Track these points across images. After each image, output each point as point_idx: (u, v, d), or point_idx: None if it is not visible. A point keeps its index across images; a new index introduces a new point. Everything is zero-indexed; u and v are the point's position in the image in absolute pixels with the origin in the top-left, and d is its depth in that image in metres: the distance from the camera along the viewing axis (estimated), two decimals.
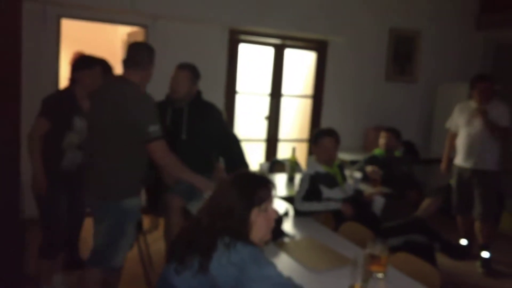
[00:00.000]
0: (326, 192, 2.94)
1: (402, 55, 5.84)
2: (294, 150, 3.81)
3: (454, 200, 4.08)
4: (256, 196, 1.52)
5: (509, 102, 5.86)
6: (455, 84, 5.76)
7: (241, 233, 1.48)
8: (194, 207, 2.70)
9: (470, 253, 4.07)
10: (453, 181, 4.99)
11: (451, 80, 5.91)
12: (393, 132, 4.07)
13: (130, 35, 5.13)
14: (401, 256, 2.17)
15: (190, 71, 3.09)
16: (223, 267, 1.39)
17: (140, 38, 4.64)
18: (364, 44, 5.55)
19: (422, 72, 5.97)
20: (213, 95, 3.37)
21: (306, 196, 2.88)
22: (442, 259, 4.02)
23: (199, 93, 3.19)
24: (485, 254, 3.89)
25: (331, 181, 2.99)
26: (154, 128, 2.30)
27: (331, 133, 3.11)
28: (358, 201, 3.01)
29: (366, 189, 3.60)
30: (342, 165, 3.21)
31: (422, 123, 6.09)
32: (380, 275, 1.91)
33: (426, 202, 3.62)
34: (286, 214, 2.67)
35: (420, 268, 2.01)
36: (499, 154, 3.86)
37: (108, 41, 5.98)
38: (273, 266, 1.46)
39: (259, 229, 1.52)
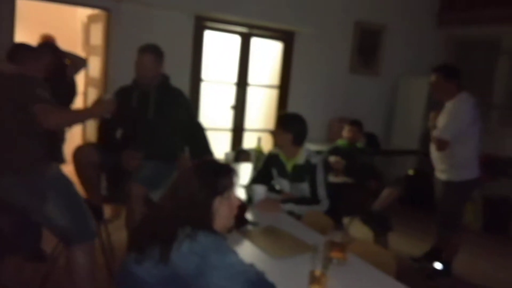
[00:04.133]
0: (276, 177, 2.98)
1: (367, 48, 5.94)
2: (259, 140, 3.82)
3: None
4: (219, 185, 1.52)
5: None
6: (417, 78, 5.92)
7: (203, 222, 1.47)
8: (157, 196, 2.67)
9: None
10: (412, 172, 5.16)
11: (413, 74, 6.07)
12: (357, 125, 4.16)
13: (90, 17, 4.99)
14: (360, 243, 2.23)
15: (153, 53, 3.04)
16: (184, 256, 1.38)
17: (102, 21, 4.52)
18: (330, 36, 5.60)
19: (385, 65, 6.10)
20: (178, 82, 3.33)
21: (256, 179, 2.94)
22: (398, 246, 4.16)
23: (167, 78, 3.17)
24: (437, 265, 3.75)
25: (282, 170, 2.96)
26: (41, 92, 2.24)
27: (277, 119, 3.01)
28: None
29: (329, 179, 3.67)
30: (308, 168, 2.86)
31: (384, 115, 6.24)
32: (340, 261, 1.95)
33: (385, 192, 3.71)
34: (250, 202, 2.68)
35: (378, 254, 2.08)
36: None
37: (68, 23, 5.80)
38: (235, 254, 1.46)
39: (222, 218, 1.53)
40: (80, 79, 3.98)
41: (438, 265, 3.74)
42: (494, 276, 3.89)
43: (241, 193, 2.88)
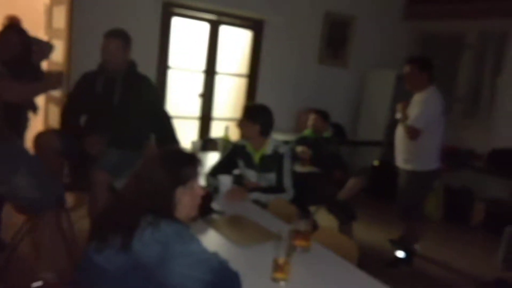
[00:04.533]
0: (242, 168, 2.98)
1: (336, 39, 5.98)
2: (227, 128, 3.81)
3: None
4: (182, 174, 1.50)
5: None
6: (384, 71, 6.01)
7: (165, 211, 1.46)
8: (121, 184, 2.62)
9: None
10: (377, 163, 5.24)
11: (380, 67, 6.16)
12: (321, 114, 4.20)
13: (53, 0, 4.82)
14: (324, 231, 2.26)
15: (120, 39, 2.98)
16: (146, 245, 1.37)
17: (65, 4, 4.37)
18: (299, 26, 5.61)
19: (353, 57, 6.16)
20: (144, 69, 3.26)
21: (218, 169, 2.93)
22: (362, 234, 4.25)
23: (134, 65, 3.11)
24: (399, 254, 3.84)
25: (249, 161, 2.96)
26: None
27: (243, 110, 2.99)
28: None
29: (296, 168, 3.70)
30: (276, 158, 2.87)
31: (351, 106, 6.32)
32: (304, 249, 1.97)
33: (350, 182, 3.77)
34: (215, 191, 2.67)
35: (341, 242, 2.11)
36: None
37: (31, 5, 5.59)
38: (197, 242, 1.45)
39: (184, 207, 1.51)
40: (42, 63, 3.84)
41: (400, 254, 3.84)
42: (454, 264, 4.03)
43: (204, 182, 2.88)
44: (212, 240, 2.07)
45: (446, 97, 6.04)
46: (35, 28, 3.30)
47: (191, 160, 1.56)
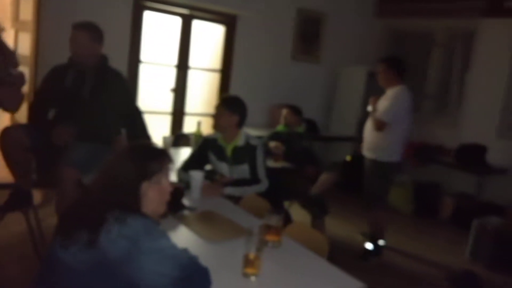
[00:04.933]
0: (214, 161, 2.96)
1: (308, 35, 6.01)
2: (199, 124, 3.78)
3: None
4: (148, 168, 1.47)
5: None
6: (355, 67, 6.08)
7: (131, 206, 1.43)
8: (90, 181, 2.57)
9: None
10: (349, 158, 5.29)
11: (352, 63, 6.22)
12: (293, 109, 4.21)
13: None
14: (295, 226, 2.27)
15: (88, 30, 2.92)
16: (113, 241, 1.33)
17: None
18: (272, 22, 5.61)
19: (326, 54, 6.20)
20: (115, 64, 3.20)
21: (189, 164, 2.90)
22: (334, 228, 4.30)
23: (105, 59, 3.06)
24: (368, 246, 3.97)
25: (221, 154, 2.95)
26: None
27: (221, 100, 2.99)
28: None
29: (269, 163, 3.70)
30: (249, 149, 2.88)
31: (324, 102, 6.36)
32: (275, 244, 1.98)
33: (323, 177, 3.80)
34: (187, 187, 2.64)
35: (312, 237, 2.12)
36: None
37: None
38: (166, 238, 1.43)
39: (151, 202, 1.48)
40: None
41: (369, 246, 3.92)
42: (424, 257, 4.11)
43: (175, 178, 2.85)
44: (182, 236, 2.05)
45: (416, 94, 6.19)
46: (1, 20, 3.18)
47: (158, 154, 1.53)
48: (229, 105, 2.91)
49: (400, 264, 3.90)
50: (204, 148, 3.00)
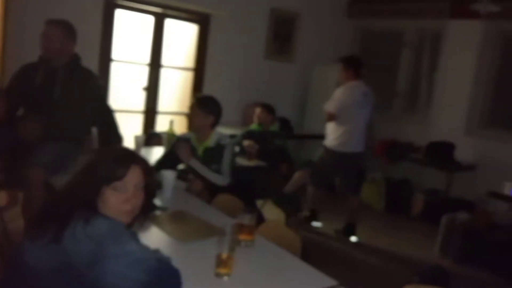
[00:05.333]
0: (198, 168, 2.90)
1: (281, 35, 6.02)
2: (172, 123, 3.74)
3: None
4: (108, 173, 1.42)
5: (375, 86, 6.45)
6: (328, 66, 6.13)
7: (90, 207, 1.39)
8: (59, 180, 2.51)
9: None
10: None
11: (325, 62, 6.28)
12: (267, 108, 4.23)
13: None
14: (269, 225, 2.28)
15: (60, 27, 2.89)
16: (78, 241, 1.30)
17: None
18: (246, 21, 5.60)
19: (299, 53, 6.23)
20: (86, 62, 3.14)
21: (162, 163, 2.88)
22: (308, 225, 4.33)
23: (78, 58, 3.02)
24: (353, 239, 4.21)
25: (193, 153, 2.91)
26: None
27: (196, 101, 2.97)
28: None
29: (243, 162, 3.71)
30: (218, 150, 2.89)
31: (297, 100, 6.40)
32: (248, 243, 1.98)
33: (296, 175, 3.83)
34: (159, 187, 2.61)
35: (285, 235, 2.13)
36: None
37: None
38: (135, 240, 1.41)
39: (109, 208, 1.42)
40: None
41: (353, 239, 4.12)
42: (395, 252, 4.19)
43: None
44: (154, 237, 2.02)
45: (387, 92, 6.31)
46: None
47: (126, 159, 1.47)
48: (204, 105, 2.90)
49: (372, 260, 3.96)
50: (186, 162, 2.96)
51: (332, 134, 4.11)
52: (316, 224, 4.19)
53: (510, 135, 5.08)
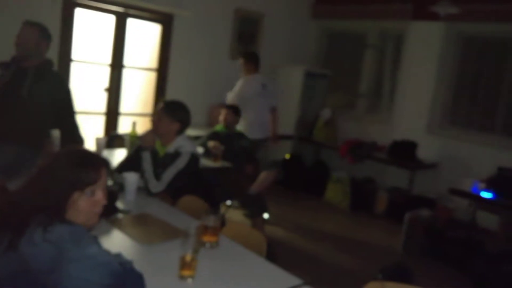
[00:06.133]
0: (146, 161, 2.79)
1: (246, 35, 6.01)
2: (134, 124, 3.67)
3: None
4: (83, 179, 1.37)
5: (339, 87, 6.53)
6: (293, 67, 6.17)
7: (58, 214, 1.34)
8: (16, 186, 2.41)
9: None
10: (288, 156, 5.34)
11: (290, 62, 6.31)
12: (232, 109, 4.20)
13: None
14: (233, 225, 2.25)
15: (37, 28, 2.95)
16: (36, 247, 1.25)
17: None
18: (210, 22, 5.56)
19: (264, 53, 6.20)
20: None
21: (124, 166, 2.81)
22: (273, 226, 4.33)
23: (50, 63, 3.05)
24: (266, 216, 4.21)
25: (155, 158, 2.82)
26: None
27: (164, 105, 2.86)
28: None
29: (208, 163, 3.67)
30: (174, 156, 2.78)
31: None
32: (212, 244, 1.95)
33: (261, 175, 3.82)
34: (121, 189, 2.54)
35: (250, 236, 2.11)
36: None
37: None
38: (96, 244, 1.36)
39: (80, 213, 1.38)
40: None
41: (266, 215, 4.15)
42: (359, 251, 4.25)
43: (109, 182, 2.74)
44: (116, 240, 1.98)
45: (351, 92, 6.41)
46: None
47: (96, 164, 1.43)
48: (171, 111, 2.79)
49: (337, 259, 3.99)
50: (141, 150, 2.90)
51: (244, 124, 4.45)
52: (266, 216, 4.14)
53: (469, 134, 5.25)
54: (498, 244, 3.95)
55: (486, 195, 3.90)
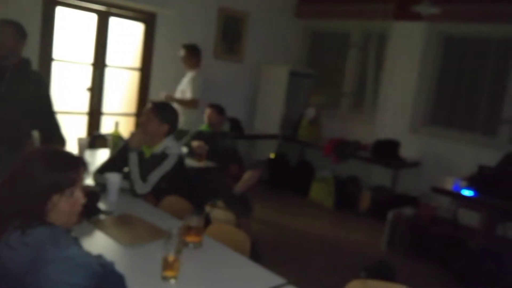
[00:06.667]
0: (132, 163, 2.75)
1: (230, 34, 5.99)
2: (117, 124, 3.63)
3: None
4: (62, 181, 1.35)
5: (323, 86, 6.56)
6: (277, 66, 6.18)
7: (37, 216, 1.31)
8: None
9: None
10: (273, 155, 5.34)
11: (274, 62, 6.31)
12: (216, 108, 4.17)
13: None
14: (217, 226, 2.24)
15: (12, 27, 2.88)
16: (13, 249, 1.23)
17: None
18: (194, 21, 5.53)
19: (248, 52, 6.22)
20: None
21: (107, 166, 2.78)
22: (258, 225, 4.33)
23: (28, 62, 2.99)
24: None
25: (141, 158, 2.78)
26: None
27: (153, 106, 2.85)
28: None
29: (192, 163, 3.65)
30: (161, 158, 2.76)
31: (247, 101, 6.39)
32: (195, 245, 1.94)
33: (246, 175, 3.81)
34: (103, 190, 2.51)
35: (234, 236, 2.10)
36: None
37: None
38: (75, 246, 1.34)
39: (60, 215, 1.36)
40: None
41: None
42: (344, 249, 4.27)
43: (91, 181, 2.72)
44: (98, 241, 1.95)
45: (334, 92, 6.44)
46: None
47: (75, 165, 1.41)
48: (160, 113, 2.78)
49: (321, 257, 4.01)
50: (127, 151, 2.86)
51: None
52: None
53: (451, 132, 5.32)
54: (479, 242, 4.01)
55: (467, 193, 3.95)
